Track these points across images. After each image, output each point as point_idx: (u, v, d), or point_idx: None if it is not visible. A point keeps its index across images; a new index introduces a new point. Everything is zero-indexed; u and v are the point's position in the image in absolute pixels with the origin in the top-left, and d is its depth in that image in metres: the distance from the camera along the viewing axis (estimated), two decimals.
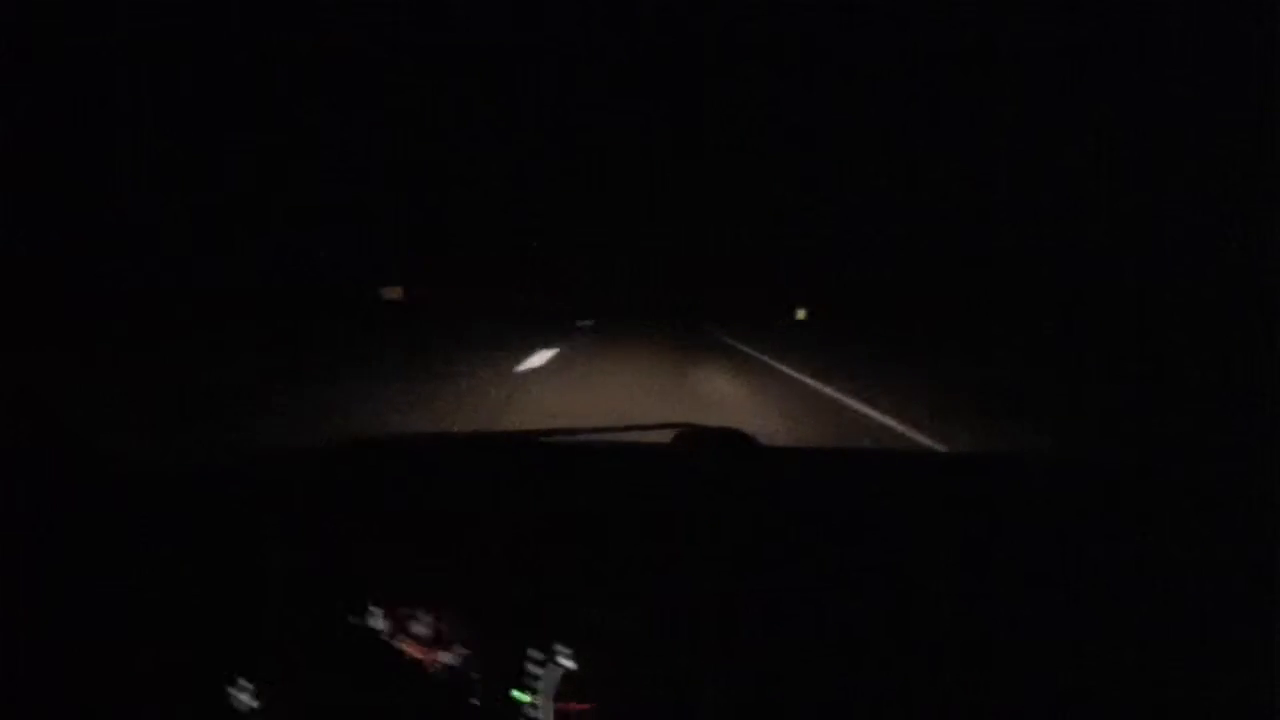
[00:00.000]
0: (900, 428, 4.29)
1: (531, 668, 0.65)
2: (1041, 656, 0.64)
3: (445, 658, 0.67)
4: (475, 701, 0.65)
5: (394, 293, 19.72)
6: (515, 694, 0.64)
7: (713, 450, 1.00)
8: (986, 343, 12.70)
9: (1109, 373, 8.40)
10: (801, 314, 28.84)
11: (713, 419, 1.32)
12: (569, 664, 0.65)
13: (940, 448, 3.74)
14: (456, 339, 10.10)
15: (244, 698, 0.65)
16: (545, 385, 5.41)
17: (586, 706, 0.64)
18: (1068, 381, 7.36)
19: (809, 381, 6.61)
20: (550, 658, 0.66)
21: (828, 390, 5.99)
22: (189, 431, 3.29)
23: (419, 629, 0.68)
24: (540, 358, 7.69)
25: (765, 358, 9.28)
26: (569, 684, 0.65)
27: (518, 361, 7.15)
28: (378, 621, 0.68)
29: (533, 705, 0.64)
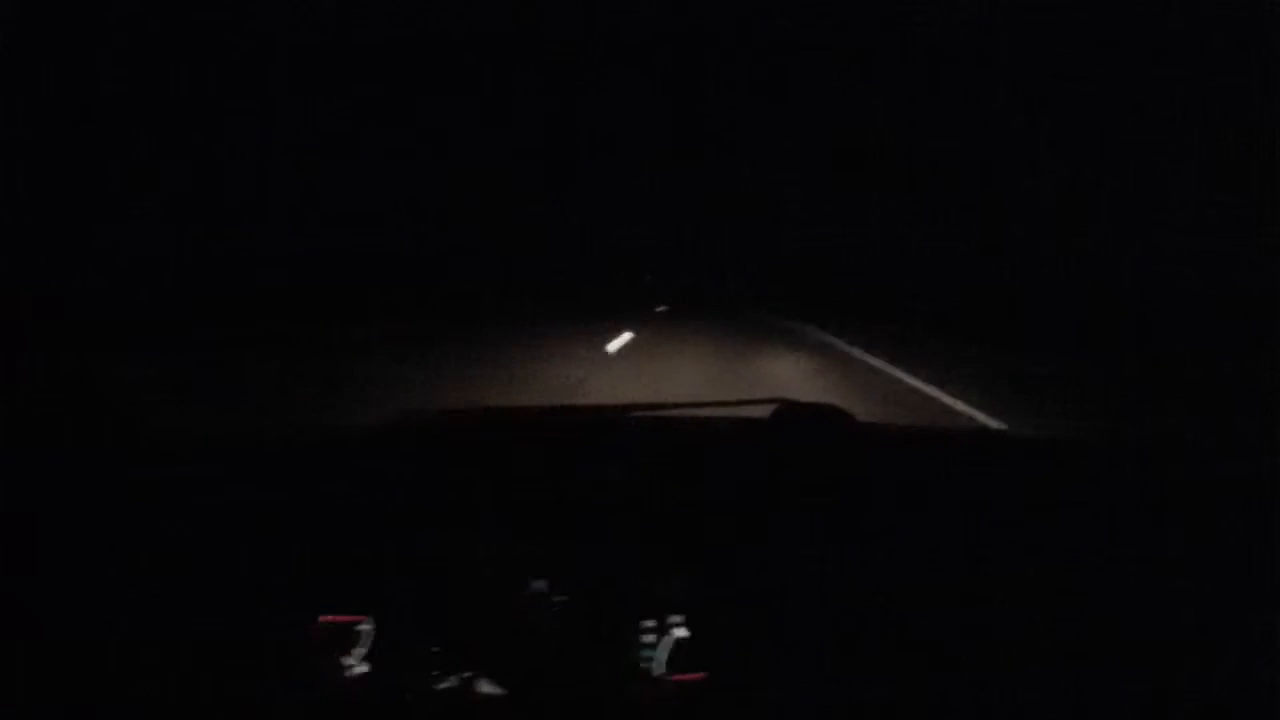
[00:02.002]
0: None
1: (645, 637, 0.68)
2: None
3: (556, 627, 0.69)
4: (589, 670, 0.68)
5: None
6: (636, 663, 0.67)
7: (811, 426, 1.01)
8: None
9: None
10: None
11: None
12: (682, 633, 0.68)
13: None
14: None
15: (356, 664, 0.68)
16: None
17: (699, 676, 0.67)
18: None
19: None
20: (663, 628, 0.68)
21: None
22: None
23: (529, 599, 0.70)
24: None
25: None
26: (681, 654, 0.67)
27: None
28: (486, 591, 0.71)
29: (647, 675, 0.67)
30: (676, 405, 1.05)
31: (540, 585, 0.71)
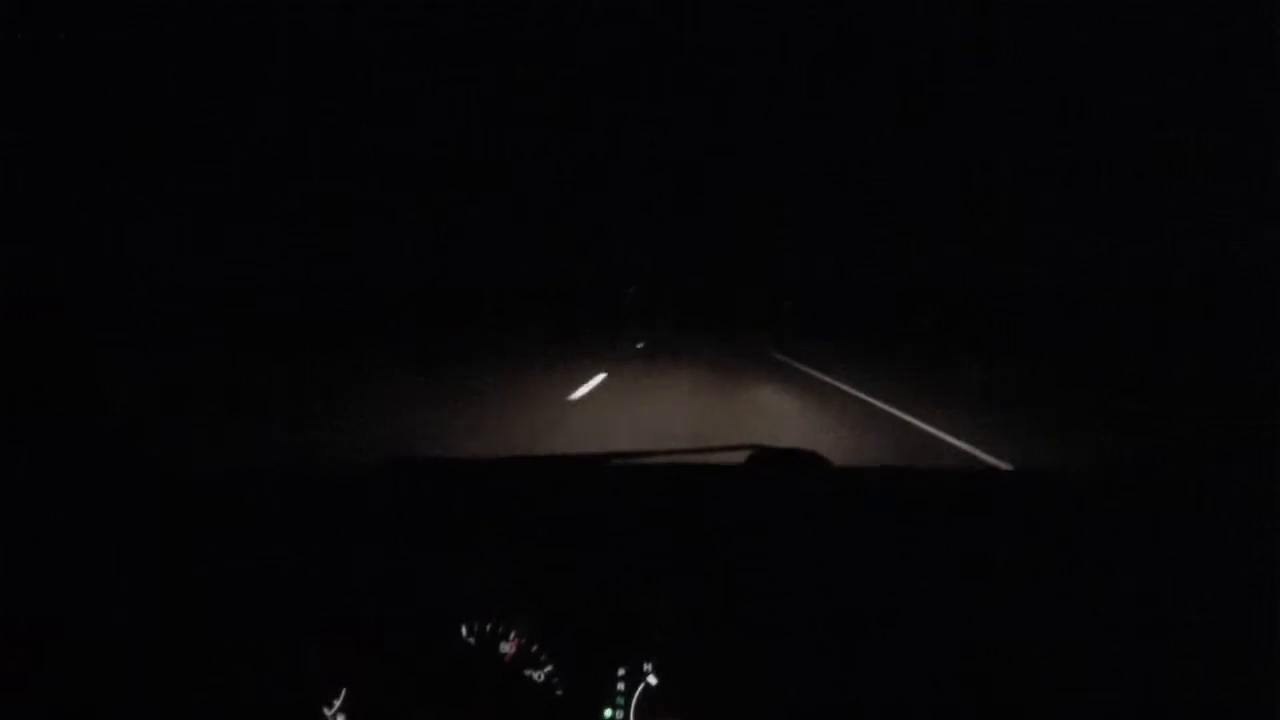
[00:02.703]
0: None
1: (618, 684, 0.67)
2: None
3: (531, 675, 0.69)
4: (561, 718, 0.67)
5: None
6: (605, 714, 0.66)
7: (786, 471, 1.00)
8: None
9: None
10: None
11: None
12: (653, 680, 0.68)
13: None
14: None
15: (334, 715, 0.66)
16: None
17: None
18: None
19: None
20: (635, 674, 0.68)
21: None
22: None
23: (505, 647, 0.70)
24: None
25: None
26: (652, 700, 0.67)
27: None
28: (466, 640, 0.70)
29: None
30: (652, 453, 1.04)
31: (512, 636, 0.71)
